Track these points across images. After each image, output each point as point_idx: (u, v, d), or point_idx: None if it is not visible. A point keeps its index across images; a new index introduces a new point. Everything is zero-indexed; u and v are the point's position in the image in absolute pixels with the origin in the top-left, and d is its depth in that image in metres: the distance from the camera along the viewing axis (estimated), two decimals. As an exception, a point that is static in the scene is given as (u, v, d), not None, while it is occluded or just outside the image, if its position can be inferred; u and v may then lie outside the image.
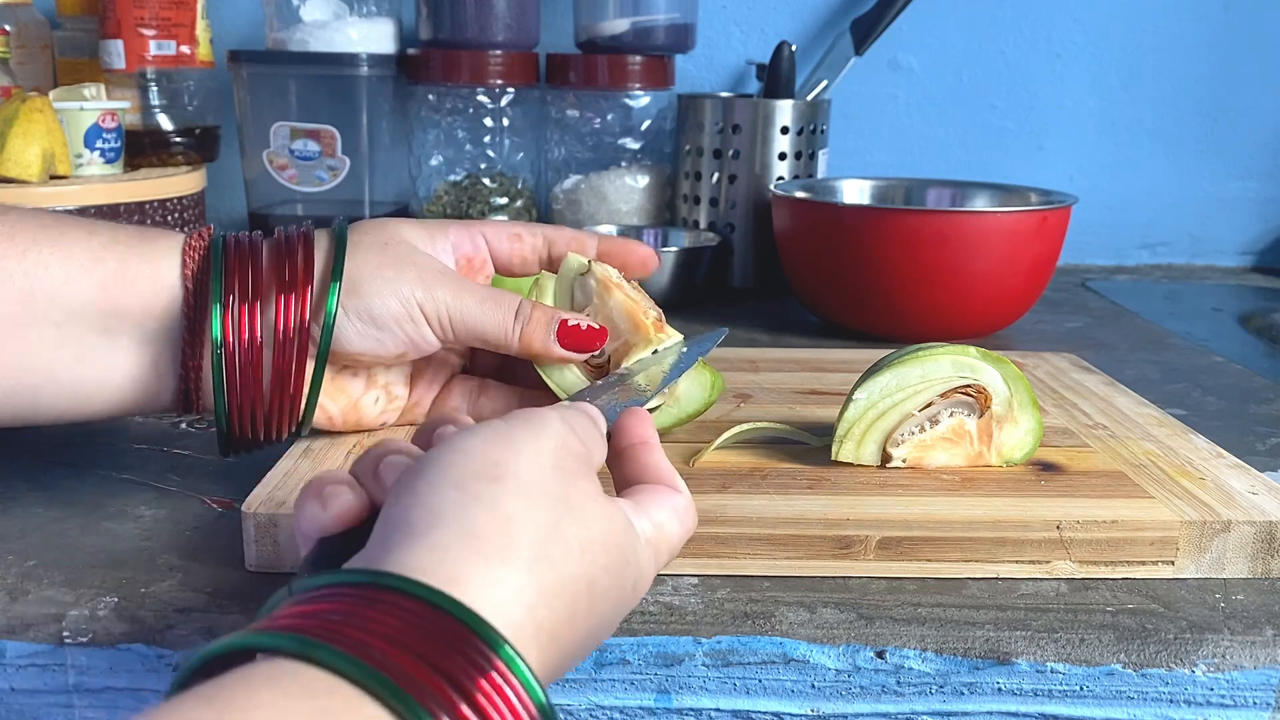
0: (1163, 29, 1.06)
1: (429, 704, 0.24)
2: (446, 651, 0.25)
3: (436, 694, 0.24)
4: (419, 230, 0.48)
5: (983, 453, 0.47)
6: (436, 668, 0.24)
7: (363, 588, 0.26)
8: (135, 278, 0.43)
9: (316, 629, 0.25)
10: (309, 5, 0.95)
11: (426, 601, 0.26)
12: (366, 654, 0.24)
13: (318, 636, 0.24)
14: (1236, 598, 0.41)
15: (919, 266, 0.72)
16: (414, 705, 0.23)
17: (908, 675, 0.38)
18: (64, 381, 0.43)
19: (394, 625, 0.25)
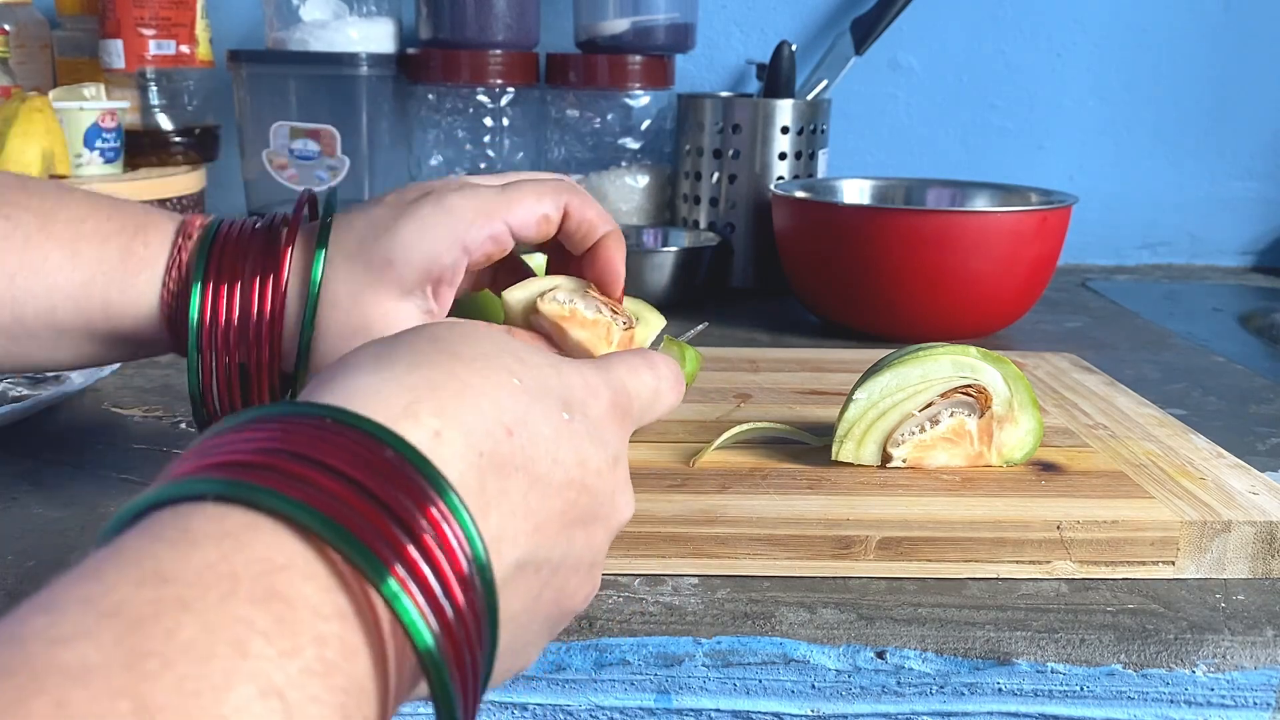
0: (1163, 28, 1.06)
1: (379, 548, 0.22)
2: (393, 491, 0.23)
3: (386, 536, 0.22)
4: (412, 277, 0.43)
5: (983, 453, 0.47)
6: (385, 507, 0.23)
7: (295, 420, 0.24)
8: (119, 314, 0.44)
9: (248, 467, 0.23)
10: (309, 5, 0.94)
11: (373, 435, 0.24)
12: (308, 494, 0.22)
13: (251, 478, 0.22)
14: (1237, 598, 0.41)
15: (919, 266, 0.72)
16: (363, 549, 0.22)
17: (908, 676, 0.38)
18: (65, 365, 0.46)
19: (337, 459, 0.23)
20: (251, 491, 0.22)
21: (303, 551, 0.22)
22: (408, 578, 0.22)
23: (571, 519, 0.29)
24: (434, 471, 0.24)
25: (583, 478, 0.29)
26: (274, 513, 0.22)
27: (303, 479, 0.22)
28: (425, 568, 0.23)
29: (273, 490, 0.22)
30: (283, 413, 0.24)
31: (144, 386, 0.63)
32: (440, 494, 0.24)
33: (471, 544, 0.24)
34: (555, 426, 0.29)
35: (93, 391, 0.62)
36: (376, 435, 0.24)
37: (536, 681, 0.38)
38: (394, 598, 0.22)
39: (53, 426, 0.56)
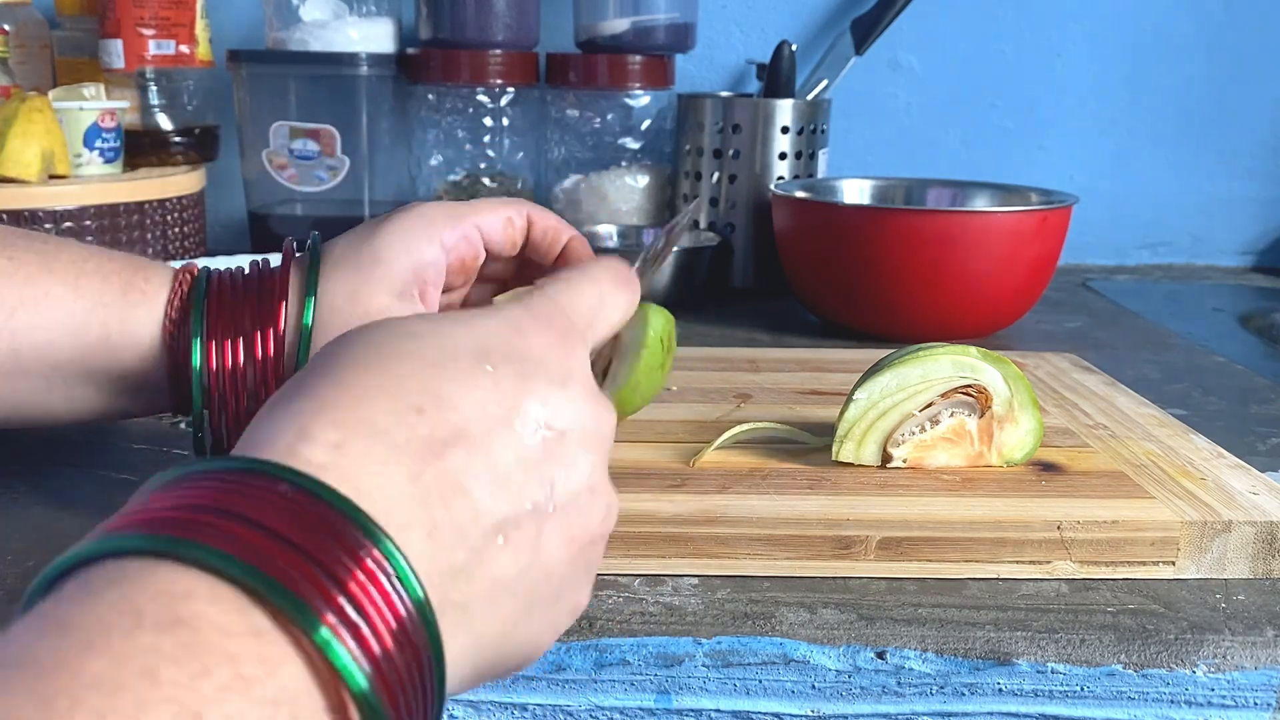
0: (1164, 29, 1.06)
1: (306, 596, 0.22)
2: (322, 540, 0.23)
3: (313, 585, 0.22)
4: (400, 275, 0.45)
5: (983, 453, 0.47)
6: (312, 558, 0.22)
7: (231, 475, 0.24)
8: (119, 347, 0.44)
9: (176, 522, 0.22)
10: (308, 5, 0.94)
11: (302, 488, 0.24)
12: (234, 546, 0.22)
13: (177, 531, 0.22)
14: (1237, 598, 0.41)
15: (919, 266, 0.72)
16: (292, 598, 0.22)
17: (908, 676, 0.38)
18: (59, 415, 0.46)
19: (265, 514, 0.23)
20: (175, 545, 0.22)
21: (205, 579, 0.21)
22: (339, 624, 0.22)
23: (537, 457, 0.28)
24: (355, 510, 0.24)
25: (528, 416, 0.28)
26: (199, 565, 0.21)
27: (228, 533, 0.22)
28: (355, 615, 0.22)
29: (195, 542, 0.22)
30: (207, 469, 0.24)
31: (144, 386, 0.63)
32: (369, 536, 0.23)
33: (407, 586, 0.24)
34: (474, 382, 0.28)
35: (92, 391, 0.62)
36: (278, 475, 0.24)
37: (536, 682, 0.38)
38: (325, 644, 0.22)
39: (52, 427, 0.56)
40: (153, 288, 0.45)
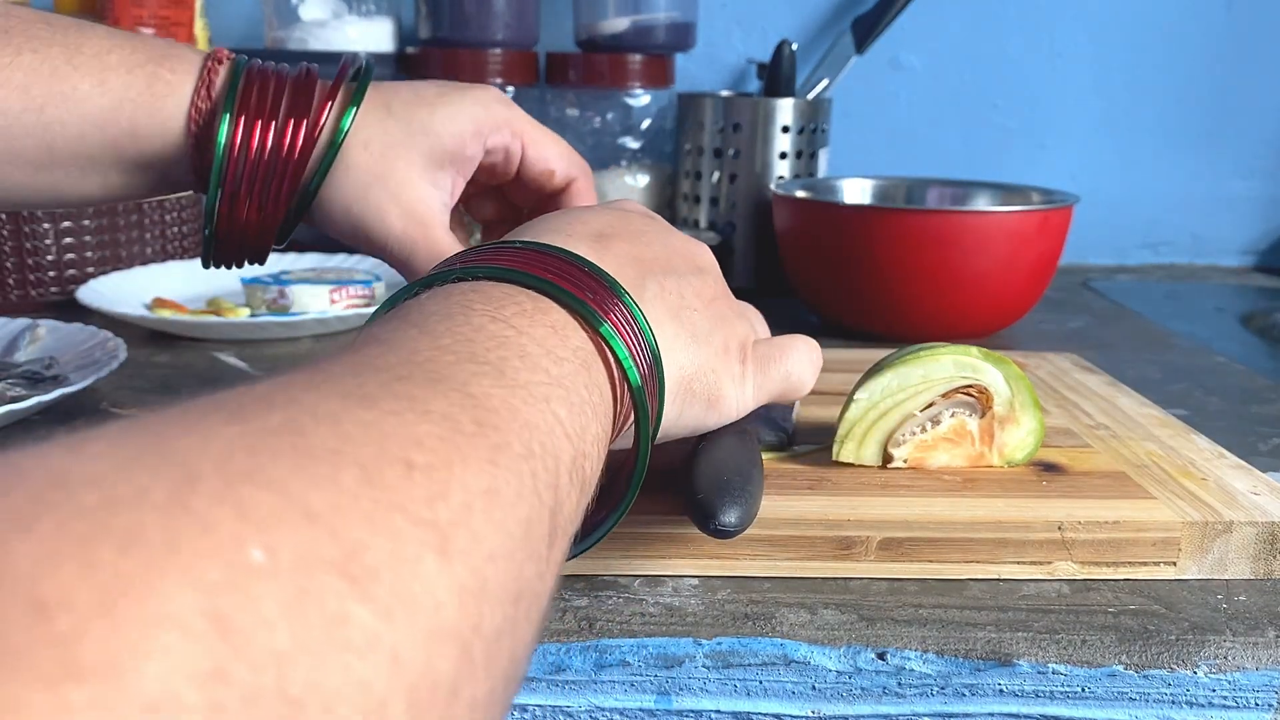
0: (1165, 28, 1.06)
1: (599, 309, 0.31)
2: (597, 288, 0.32)
3: (597, 306, 0.31)
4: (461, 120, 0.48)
5: (984, 453, 0.47)
6: (594, 293, 0.32)
7: (527, 249, 0.33)
8: (147, 137, 0.46)
9: (504, 263, 0.31)
10: (308, 4, 0.94)
11: (573, 259, 0.33)
12: (546, 275, 0.31)
13: (509, 266, 0.31)
14: (1239, 599, 0.41)
15: (920, 266, 0.72)
16: (589, 309, 0.31)
17: (909, 677, 0.38)
18: (93, 197, 0.48)
19: (539, 263, 0.32)
20: (507, 273, 0.31)
21: (548, 302, 0.30)
22: (616, 330, 0.31)
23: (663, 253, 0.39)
24: (606, 274, 0.33)
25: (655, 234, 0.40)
26: (522, 284, 0.31)
27: (531, 268, 0.31)
28: (625, 332, 0.32)
29: (521, 271, 0.31)
30: (500, 244, 0.34)
31: (143, 387, 0.63)
32: (617, 293, 0.33)
33: (645, 333, 0.33)
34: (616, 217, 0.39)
35: (92, 391, 0.62)
36: (548, 250, 0.33)
37: (536, 683, 0.38)
38: (610, 338, 0.31)
39: (52, 427, 0.56)
40: (178, 78, 0.46)
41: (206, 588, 0.15)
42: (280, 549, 0.17)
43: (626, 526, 0.41)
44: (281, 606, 0.16)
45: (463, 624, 0.19)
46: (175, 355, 0.70)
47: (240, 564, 0.16)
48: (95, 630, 0.14)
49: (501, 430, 0.24)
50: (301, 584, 0.17)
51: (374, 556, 0.18)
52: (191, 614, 0.15)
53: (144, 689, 0.14)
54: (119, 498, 0.16)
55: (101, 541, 0.15)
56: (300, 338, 0.75)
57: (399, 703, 0.17)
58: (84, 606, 0.14)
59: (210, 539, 0.16)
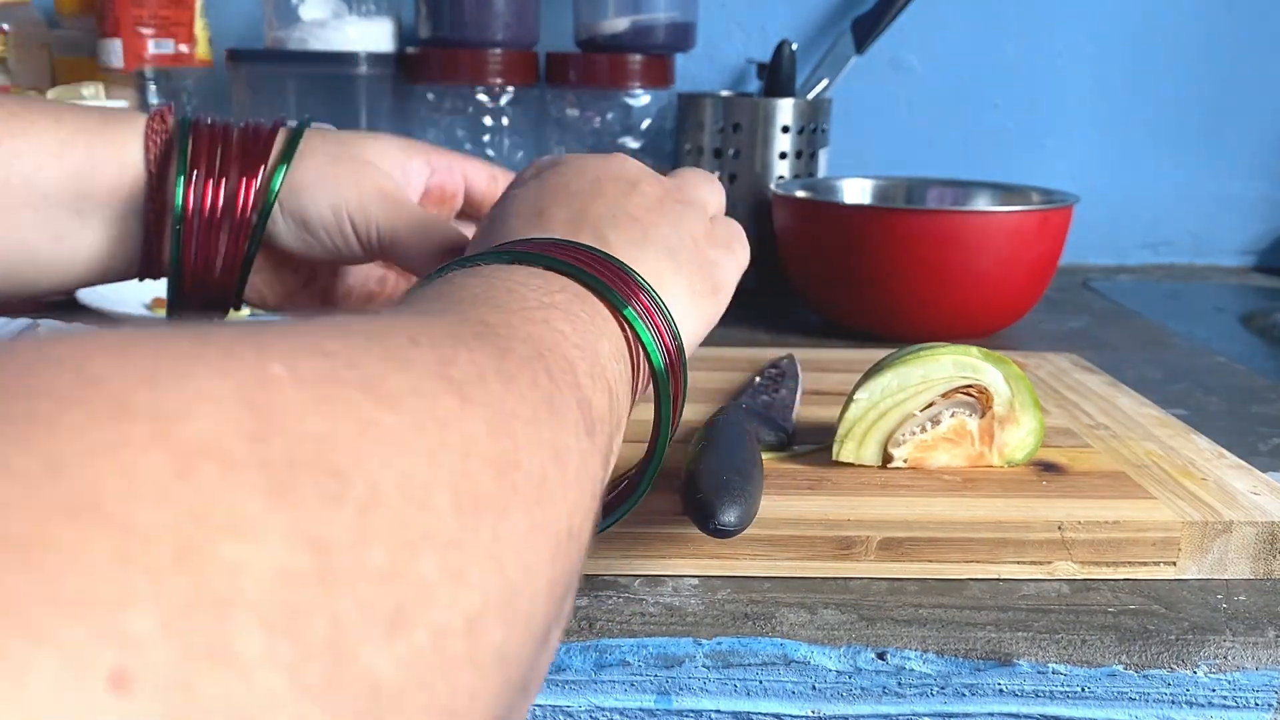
0: (1165, 28, 1.06)
1: (624, 294, 0.33)
2: (619, 278, 0.33)
3: (622, 293, 0.33)
4: (392, 149, 0.51)
5: (984, 453, 0.47)
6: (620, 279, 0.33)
7: (557, 244, 0.34)
8: (103, 162, 0.46)
9: (540, 252, 0.33)
10: (308, 4, 0.94)
11: (597, 253, 0.34)
12: (579, 263, 0.33)
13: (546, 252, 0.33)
14: (1238, 599, 0.41)
15: (920, 266, 0.72)
16: (614, 293, 0.32)
17: (909, 676, 0.38)
18: (42, 260, 0.47)
19: (585, 259, 0.33)
20: (540, 260, 0.32)
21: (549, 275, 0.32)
22: (641, 314, 0.33)
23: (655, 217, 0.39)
24: (628, 268, 0.34)
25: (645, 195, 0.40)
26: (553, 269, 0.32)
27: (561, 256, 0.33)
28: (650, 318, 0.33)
29: (552, 257, 0.32)
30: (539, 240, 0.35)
31: (143, 386, 0.63)
32: (641, 285, 0.34)
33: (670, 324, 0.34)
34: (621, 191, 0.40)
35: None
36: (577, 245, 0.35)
37: (536, 682, 0.38)
38: (634, 319, 0.32)
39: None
40: (130, 119, 0.48)
41: (236, 381, 0.16)
42: (301, 369, 0.18)
43: (626, 526, 0.41)
44: (309, 404, 0.17)
45: (498, 455, 0.20)
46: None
47: (264, 373, 0.17)
48: (143, 392, 0.15)
49: (504, 338, 0.25)
50: (325, 392, 0.17)
51: (394, 384, 0.19)
52: (226, 395, 0.16)
53: (195, 433, 0.15)
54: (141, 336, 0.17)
55: (134, 350, 0.16)
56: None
57: (444, 496, 0.18)
58: (128, 379, 0.15)
59: (233, 355, 0.17)
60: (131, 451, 0.14)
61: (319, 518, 0.15)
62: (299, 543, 0.15)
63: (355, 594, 0.15)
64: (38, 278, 0.48)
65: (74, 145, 0.46)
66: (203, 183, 0.47)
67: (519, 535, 0.20)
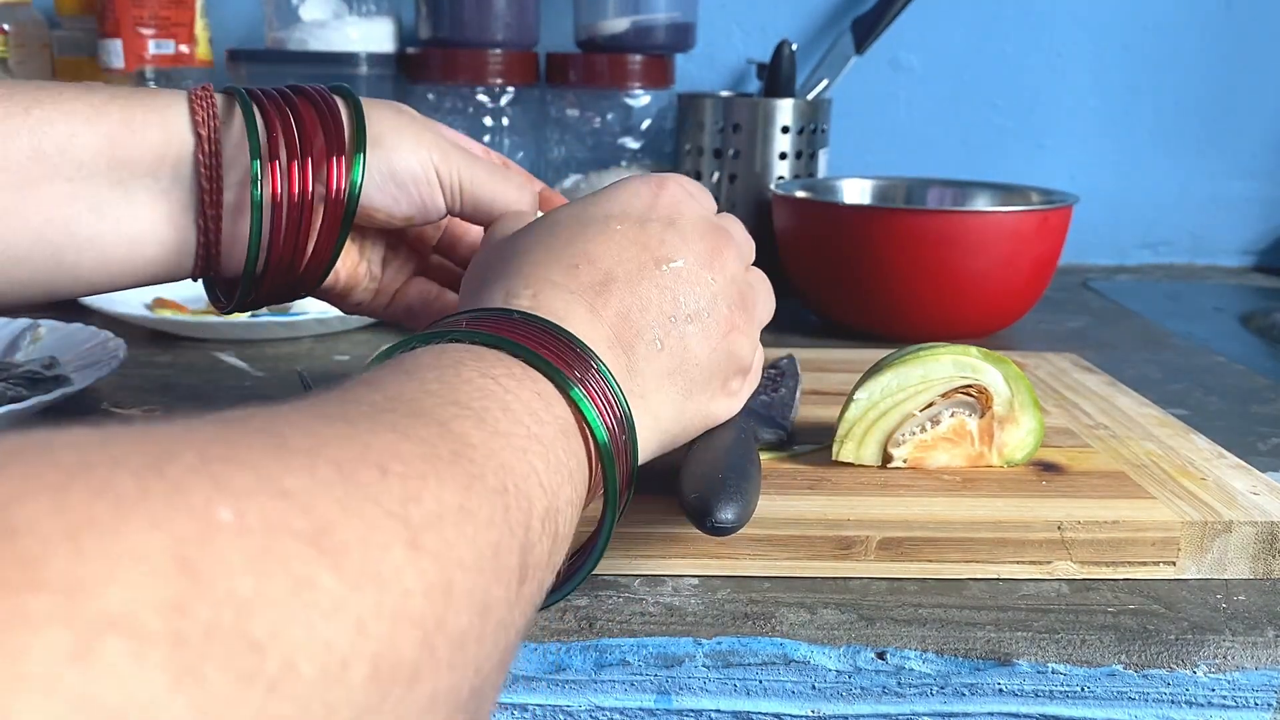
0: (1164, 28, 1.06)
1: (571, 376, 0.32)
2: (570, 354, 0.33)
3: (568, 374, 0.32)
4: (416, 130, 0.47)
5: (984, 453, 0.47)
6: (567, 361, 0.32)
7: (499, 316, 0.34)
8: (142, 127, 0.42)
9: (483, 329, 0.32)
10: (308, 4, 0.94)
11: (546, 327, 0.33)
12: (525, 342, 0.32)
13: (486, 330, 0.32)
14: (1238, 598, 0.41)
15: (920, 266, 0.72)
16: (562, 375, 0.32)
17: (908, 676, 0.38)
18: (83, 238, 0.42)
19: (532, 336, 0.33)
20: (498, 340, 0.32)
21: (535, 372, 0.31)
22: (585, 395, 0.32)
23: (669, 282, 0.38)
24: (572, 336, 0.33)
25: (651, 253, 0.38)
26: (512, 352, 0.31)
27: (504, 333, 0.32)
28: (595, 393, 0.32)
29: (510, 340, 0.32)
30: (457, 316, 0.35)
31: (144, 387, 0.63)
32: (586, 354, 0.33)
33: (615, 393, 0.33)
34: (608, 240, 0.38)
35: (92, 391, 0.62)
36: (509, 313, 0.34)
37: (536, 682, 0.38)
38: (580, 400, 0.32)
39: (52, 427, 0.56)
40: (166, 91, 0.44)
41: (174, 535, 0.16)
42: (250, 514, 0.17)
43: (626, 526, 0.41)
44: (247, 560, 0.16)
45: (428, 615, 0.20)
46: (176, 355, 0.70)
47: (209, 520, 0.16)
48: (61, 554, 0.14)
49: (478, 464, 0.24)
50: (268, 544, 0.17)
51: (344, 535, 0.18)
52: (157, 553, 0.15)
53: (106, 607, 0.14)
54: (96, 460, 0.16)
55: (74, 489, 0.15)
56: (301, 338, 0.75)
57: (361, 668, 0.18)
58: (52, 535, 0.14)
59: (182, 498, 0.16)
60: (27, 632, 0.13)
61: (224, 700, 0.15)
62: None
63: None
64: (79, 261, 0.43)
65: (109, 110, 0.42)
66: (288, 165, 0.43)
67: (421, 703, 0.19)
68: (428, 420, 0.25)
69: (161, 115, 0.43)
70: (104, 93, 0.43)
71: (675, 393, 0.38)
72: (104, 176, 0.42)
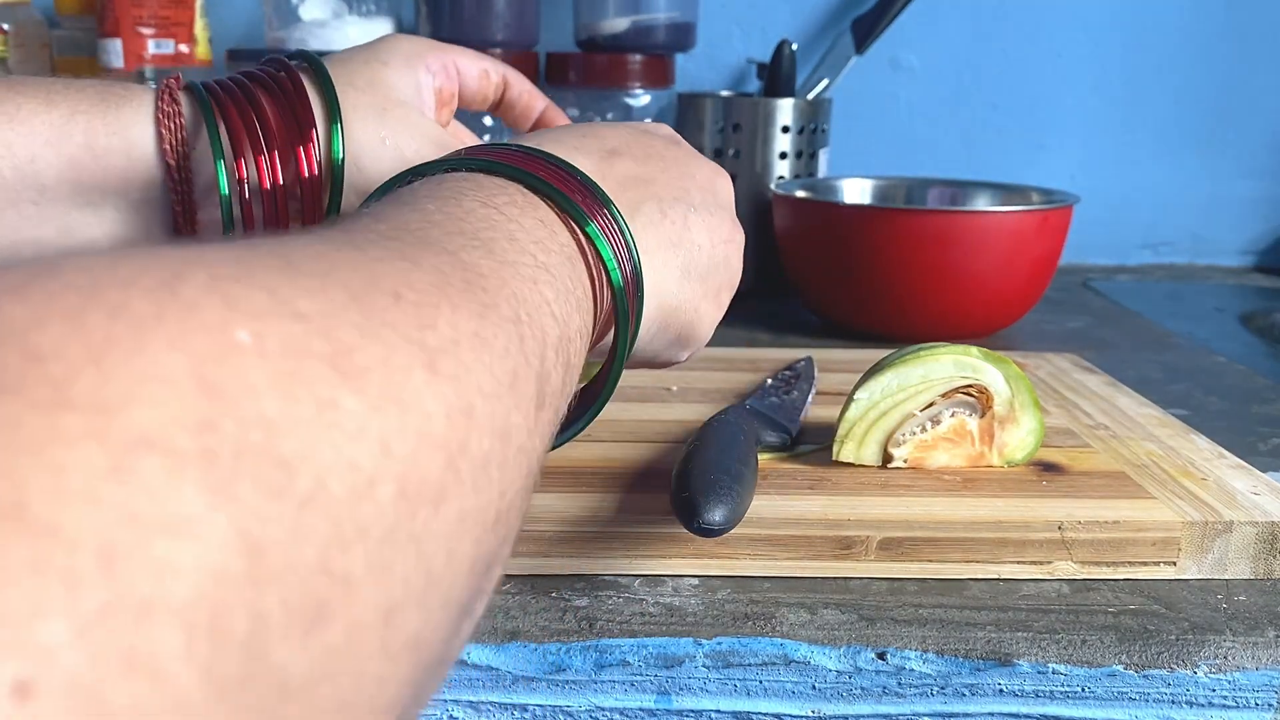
0: (1165, 28, 1.06)
1: (586, 210, 0.32)
2: (586, 195, 0.33)
3: (585, 206, 0.32)
4: (405, 70, 0.47)
5: (984, 453, 0.47)
6: (573, 190, 0.32)
7: (517, 151, 0.33)
8: (106, 152, 0.42)
9: (480, 156, 0.32)
10: (308, 4, 0.94)
11: (561, 165, 0.33)
12: (538, 172, 0.31)
13: (503, 161, 0.32)
14: (1238, 598, 0.41)
15: (920, 266, 0.72)
16: (578, 209, 0.31)
17: (909, 676, 0.38)
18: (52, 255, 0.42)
19: (537, 164, 0.32)
20: (499, 167, 0.31)
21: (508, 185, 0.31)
22: (602, 231, 0.32)
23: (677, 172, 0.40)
24: (594, 184, 0.34)
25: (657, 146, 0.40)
26: (513, 178, 0.31)
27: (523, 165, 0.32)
28: (610, 235, 0.32)
29: (514, 166, 0.31)
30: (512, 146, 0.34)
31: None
32: (604, 203, 0.33)
33: (629, 241, 0.34)
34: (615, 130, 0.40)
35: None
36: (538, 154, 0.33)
37: (536, 682, 0.38)
38: (595, 236, 0.32)
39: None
40: (131, 93, 0.43)
41: (193, 355, 0.16)
42: (268, 336, 0.17)
43: (626, 526, 0.41)
44: (269, 381, 0.16)
45: (450, 438, 0.20)
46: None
47: (227, 341, 0.16)
48: (87, 375, 0.14)
49: (490, 293, 0.24)
50: (289, 367, 0.17)
51: (364, 358, 0.18)
52: (179, 373, 0.15)
53: (136, 425, 0.14)
54: (106, 281, 0.16)
55: (90, 310, 0.15)
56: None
57: (388, 486, 0.18)
58: (74, 357, 0.15)
59: (197, 317, 0.16)
60: (63, 448, 0.14)
61: (258, 515, 0.15)
62: (234, 542, 0.15)
63: (281, 593, 0.15)
64: None
65: (71, 132, 0.41)
66: (255, 160, 0.42)
67: (450, 523, 0.19)
68: (436, 249, 0.25)
69: (125, 137, 0.42)
70: (64, 104, 0.42)
71: (675, 265, 0.38)
72: (70, 198, 0.42)
